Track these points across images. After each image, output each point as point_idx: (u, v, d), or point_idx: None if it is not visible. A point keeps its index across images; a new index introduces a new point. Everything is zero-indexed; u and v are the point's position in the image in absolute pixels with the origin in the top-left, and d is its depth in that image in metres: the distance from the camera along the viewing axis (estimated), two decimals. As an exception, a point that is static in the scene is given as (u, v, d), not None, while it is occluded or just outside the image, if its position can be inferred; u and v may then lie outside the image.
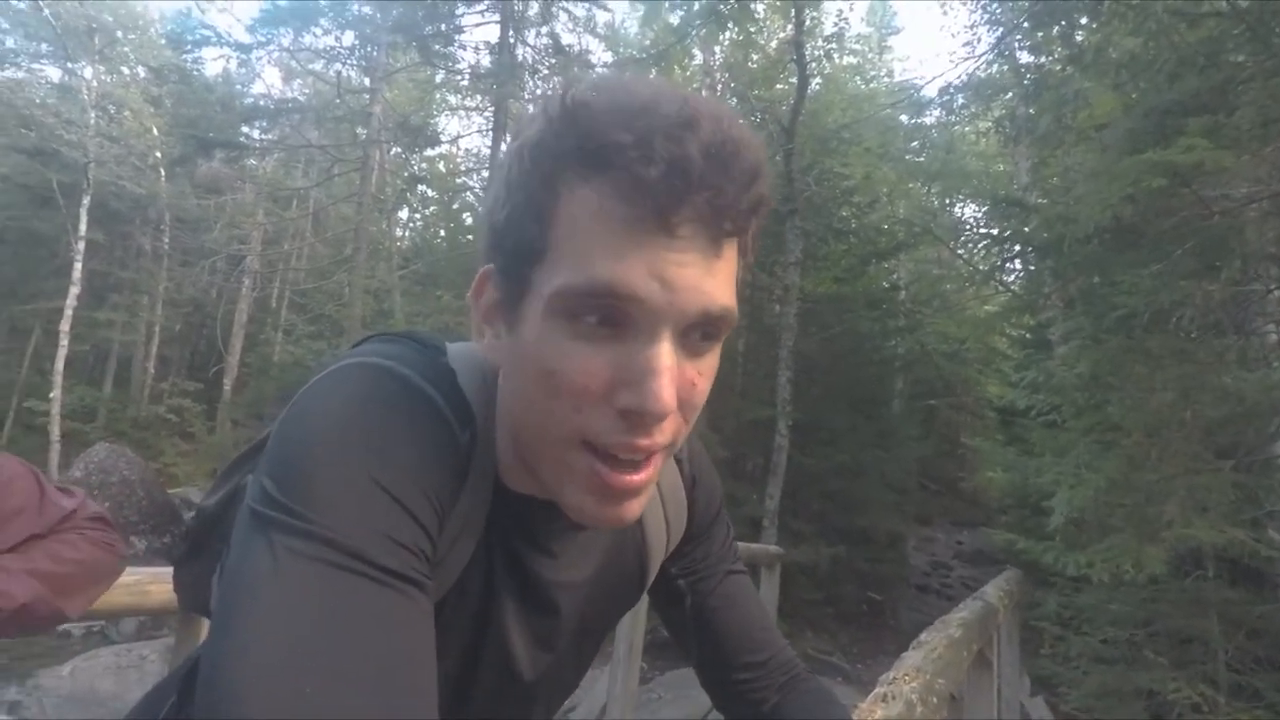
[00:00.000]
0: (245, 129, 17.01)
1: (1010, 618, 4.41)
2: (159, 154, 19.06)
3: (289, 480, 0.46)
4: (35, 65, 19.63)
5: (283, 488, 0.46)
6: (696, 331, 0.49)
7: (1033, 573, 5.77)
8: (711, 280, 0.48)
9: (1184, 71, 4.02)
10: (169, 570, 1.87)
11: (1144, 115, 4.22)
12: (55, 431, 15.78)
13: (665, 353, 0.47)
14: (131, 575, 1.75)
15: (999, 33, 9.95)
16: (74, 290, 16.29)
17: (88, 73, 18.27)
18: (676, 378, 0.48)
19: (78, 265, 16.49)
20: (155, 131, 18.89)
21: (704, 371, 0.51)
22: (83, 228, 16.70)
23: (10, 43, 18.79)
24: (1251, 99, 3.44)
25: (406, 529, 0.47)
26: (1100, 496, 4.03)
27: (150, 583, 1.75)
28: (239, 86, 21.21)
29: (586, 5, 14.00)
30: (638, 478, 0.51)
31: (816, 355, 10.55)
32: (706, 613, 0.78)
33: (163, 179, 19.25)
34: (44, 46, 18.63)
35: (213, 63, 20.87)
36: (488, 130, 16.63)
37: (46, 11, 16.89)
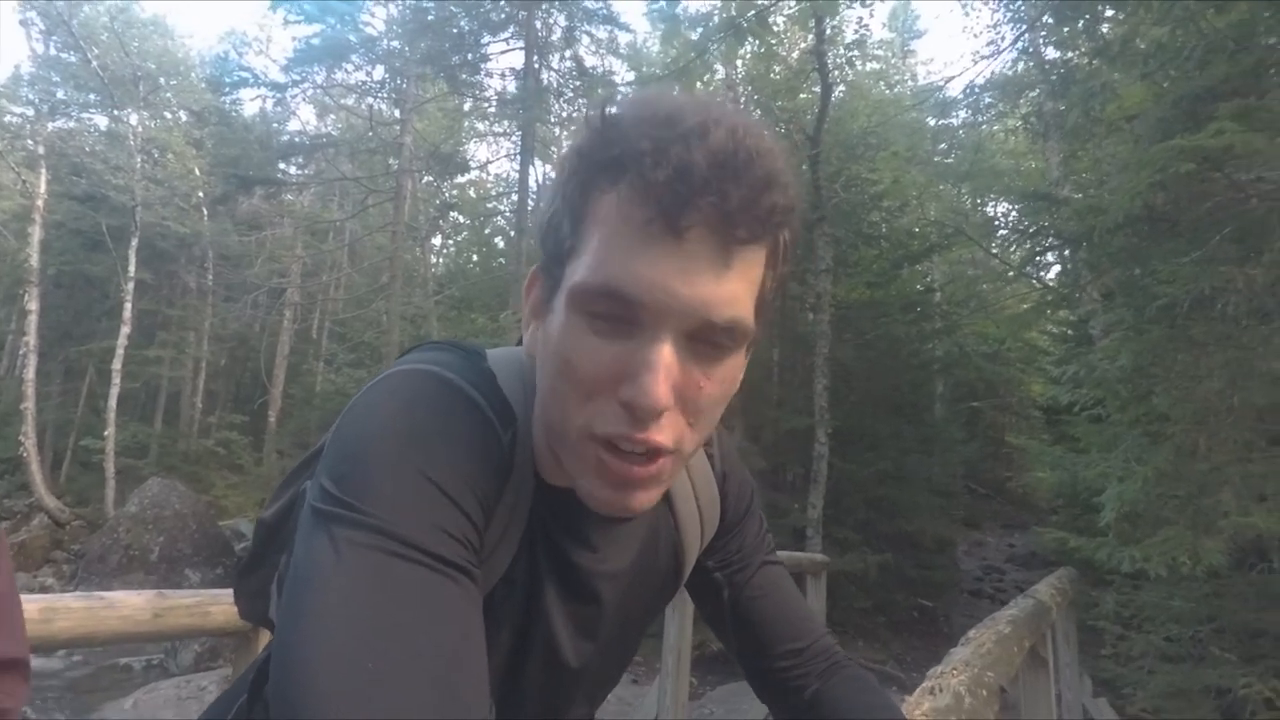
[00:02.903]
0: (282, 165, 17.63)
1: (1065, 616, 4.30)
2: (201, 194, 19.71)
3: (346, 478, 0.50)
4: (84, 115, 20.56)
5: (341, 485, 0.50)
6: (703, 338, 0.51)
7: (1088, 571, 5.61)
8: (719, 290, 0.49)
9: (1213, 58, 3.95)
10: (227, 592, 1.95)
11: (1174, 103, 4.15)
12: (110, 468, 16.22)
13: (664, 352, 0.49)
14: (193, 597, 1.83)
15: (1022, 29, 9.86)
16: (125, 330, 16.80)
17: (133, 119, 19.01)
18: (675, 378, 0.50)
19: (128, 305, 17.02)
20: (197, 172, 19.54)
21: (713, 377, 0.53)
22: (132, 268, 17.25)
23: (61, 94, 19.64)
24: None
25: (456, 521, 0.50)
26: (1150, 489, 3.93)
27: (210, 604, 1.82)
28: (275, 125, 21.86)
29: (608, 27, 14.28)
30: (641, 470, 0.53)
31: (853, 362, 10.47)
32: (744, 603, 0.80)
33: (205, 218, 19.88)
34: (92, 96, 19.45)
35: (250, 103, 21.62)
36: (516, 154, 16.90)
37: (95, 64, 17.62)
